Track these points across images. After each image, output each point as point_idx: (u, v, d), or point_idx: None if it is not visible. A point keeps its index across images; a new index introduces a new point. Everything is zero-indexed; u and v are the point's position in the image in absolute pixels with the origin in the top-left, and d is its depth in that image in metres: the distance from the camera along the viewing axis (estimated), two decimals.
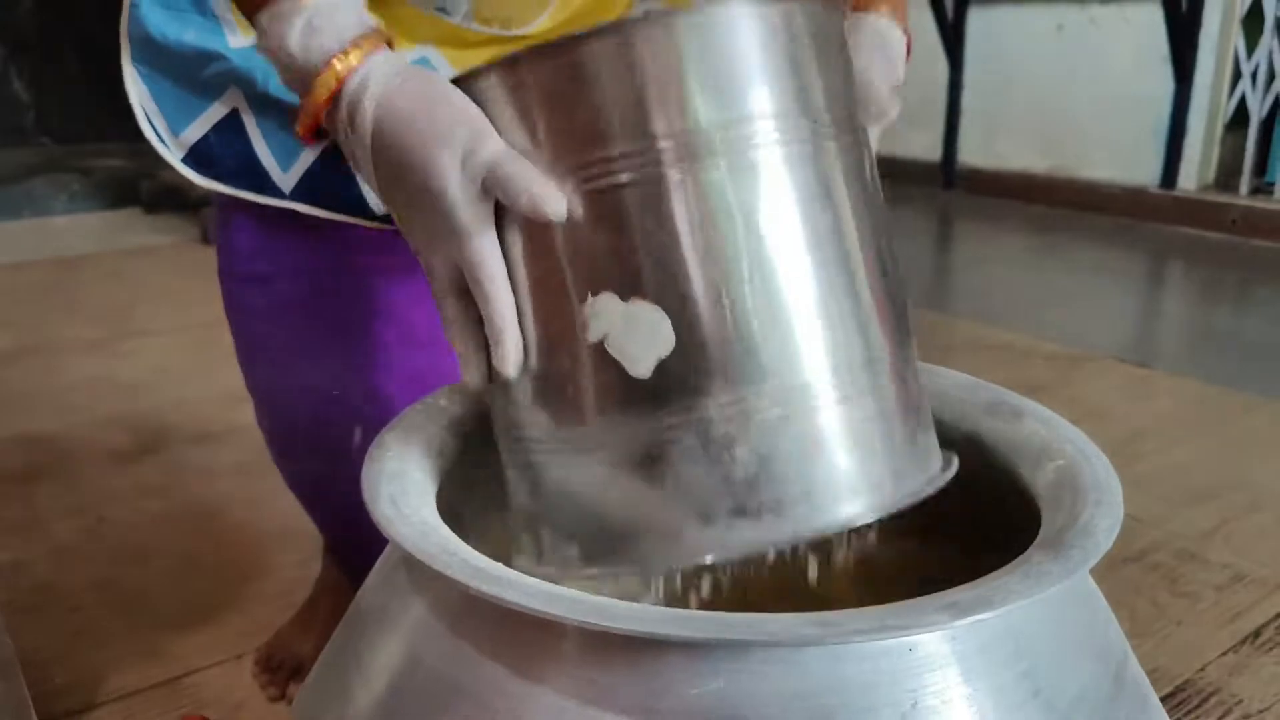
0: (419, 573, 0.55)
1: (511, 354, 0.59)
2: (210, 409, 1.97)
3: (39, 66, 4.52)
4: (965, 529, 0.69)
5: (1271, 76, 3.37)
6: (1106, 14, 3.60)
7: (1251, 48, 3.36)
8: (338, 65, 0.61)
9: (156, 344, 2.32)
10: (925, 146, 4.23)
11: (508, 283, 0.59)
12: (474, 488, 0.68)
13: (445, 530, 0.55)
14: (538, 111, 0.57)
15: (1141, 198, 3.58)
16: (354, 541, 1.06)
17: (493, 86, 0.58)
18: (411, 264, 0.73)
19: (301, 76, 0.62)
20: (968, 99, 4.06)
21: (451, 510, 0.59)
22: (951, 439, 0.72)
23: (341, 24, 0.62)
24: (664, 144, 0.55)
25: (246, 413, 1.10)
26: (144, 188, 3.86)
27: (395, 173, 0.60)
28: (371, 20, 0.64)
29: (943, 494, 0.61)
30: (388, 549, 0.63)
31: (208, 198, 1.07)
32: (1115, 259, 3.25)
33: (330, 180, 0.91)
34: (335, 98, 0.61)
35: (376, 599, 0.59)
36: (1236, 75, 3.42)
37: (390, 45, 0.63)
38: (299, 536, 1.36)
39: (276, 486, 1.15)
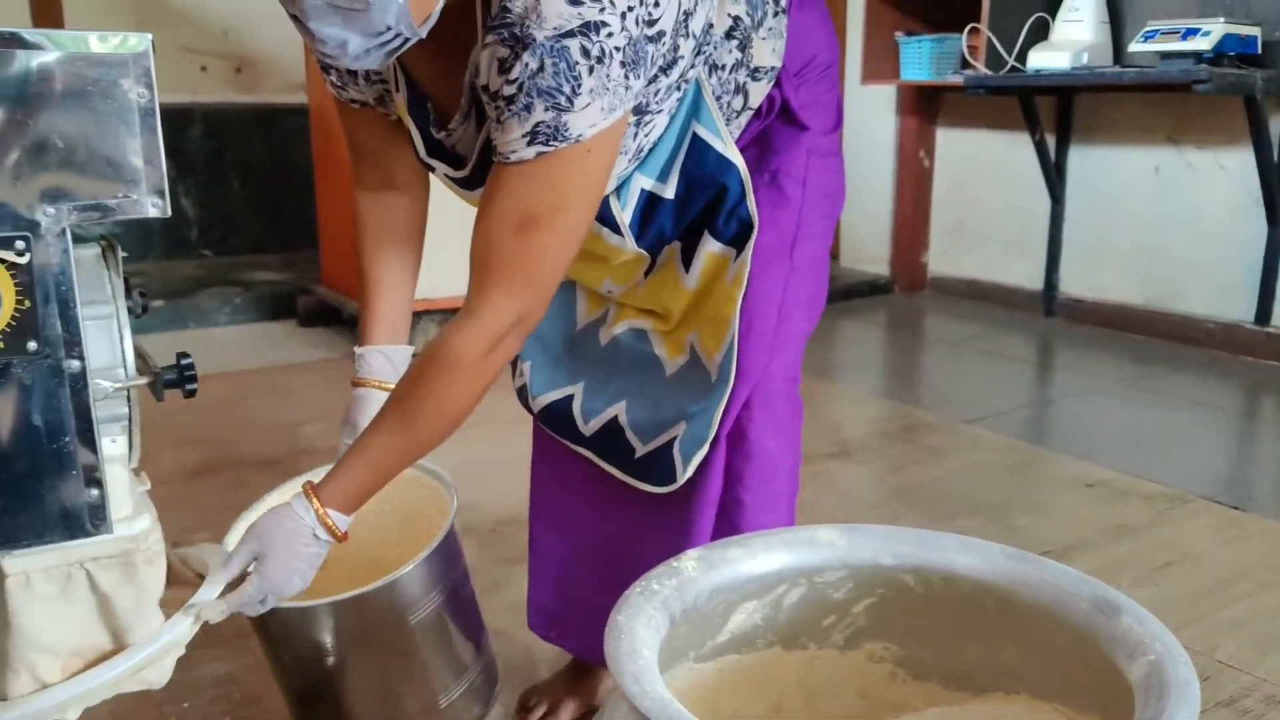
0: None
1: None
2: None
3: (204, 186, 4.97)
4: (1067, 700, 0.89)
5: None
6: (1201, 158, 3.77)
7: None
8: None
9: (325, 462, 2.60)
10: (1027, 275, 4.42)
11: None
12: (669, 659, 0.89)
13: (676, 705, 0.76)
14: None
15: (1236, 333, 3.71)
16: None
17: None
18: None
19: None
20: (1069, 231, 4.25)
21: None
22: (1062, 629, 0.92)
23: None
24: None
25: None
26: (300, 303, 4.18)
27: None
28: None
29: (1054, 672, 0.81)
30: (625, 709, 0.85)
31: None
32: (1211, 393, 3.38)
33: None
34: None
35: None
36: None
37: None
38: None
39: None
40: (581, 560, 1.49)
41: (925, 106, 4.68)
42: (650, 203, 1.23)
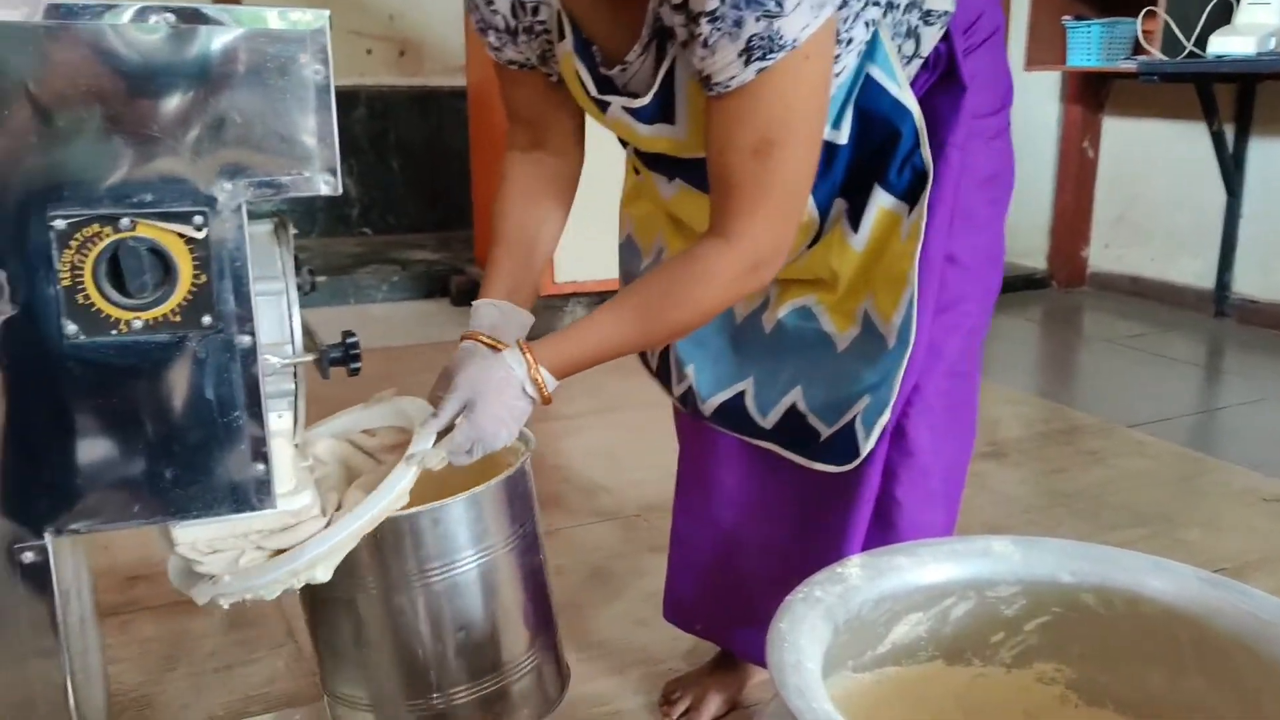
0: None
1: None
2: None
3: (366, 166, 5.12)
4: None
5: None
6: None
7: None
8: None
9: None
10: (1196, 273, 4.18)
11: None
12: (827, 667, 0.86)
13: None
14: None
15: None
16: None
17: None
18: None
19: None
20: (1245, 228, 4.00)
21: None
22: (1259, 664, 0.84)
23: None
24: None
25: (553, 519, 1.33)
26: (453, 283, 4.25)
27: None
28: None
29: None
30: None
31: None
32: None
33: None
34: None
35: None
36: None
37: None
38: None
39: (597, 594, 1.37)
40: (728, 555, 1.45)
41: (1092, 94, 4.47)
42: (827, 153, 1.17)
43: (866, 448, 1.23)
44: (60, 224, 0.80)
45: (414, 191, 5.25)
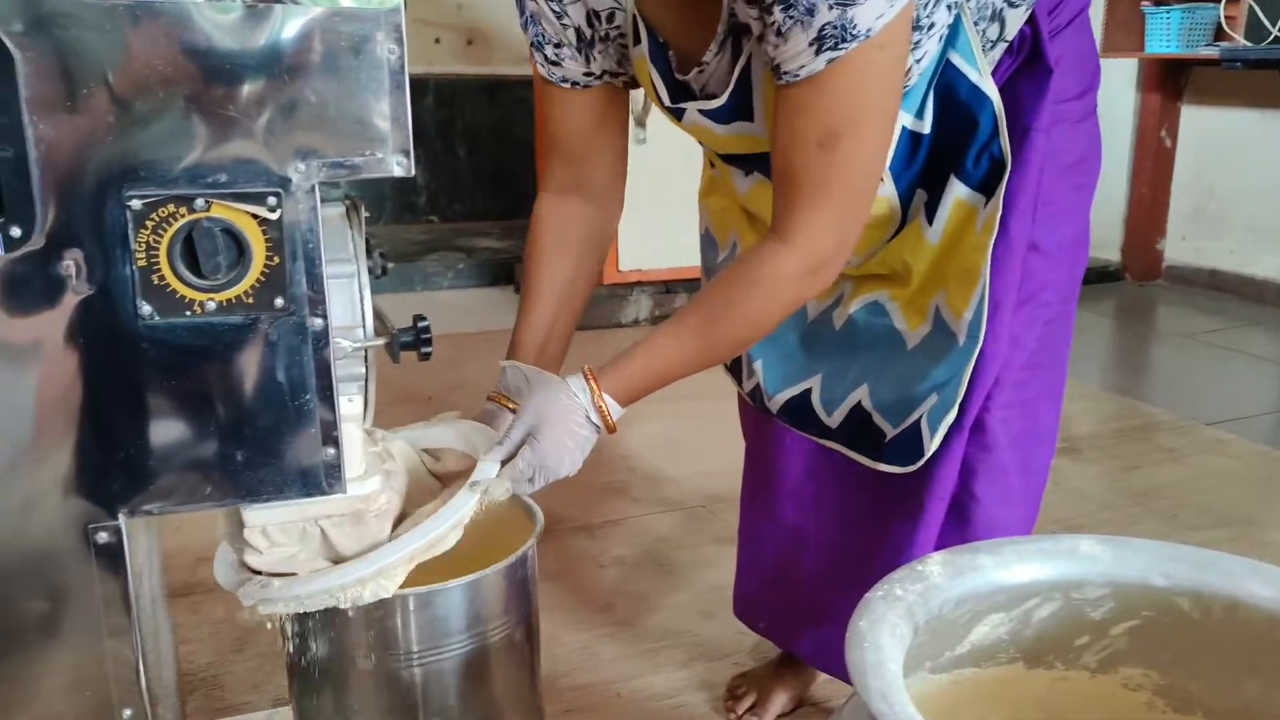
0: None
1: None
2: (591, 499, 2.24)
3: (434, 154, 5.15)
4: None
5: None
6: None
7: None
8: None
9: None
10: (1279, 267, 4.05)
11: None
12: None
13: None
14: None
15: None
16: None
17: None
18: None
19: None
20: None
21: None
22: None
23: None
24: None
25: (617, 507, 1.31)
26: (517, 271, 4.26)
27: None
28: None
29: None
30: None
31: None
32: None
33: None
34: None
35: None
36: None
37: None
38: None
39: (662, 585, 1.35)
40: (797, 552, 1.43)
41: (1170, 82, 4.34)
42: (911, 143, 1.14)
43: (931, 447, 1.20)
44: (136, 204, 0.80)
45: (480, 179, 5.27)
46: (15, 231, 0.78)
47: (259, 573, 0.98)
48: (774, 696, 1.49)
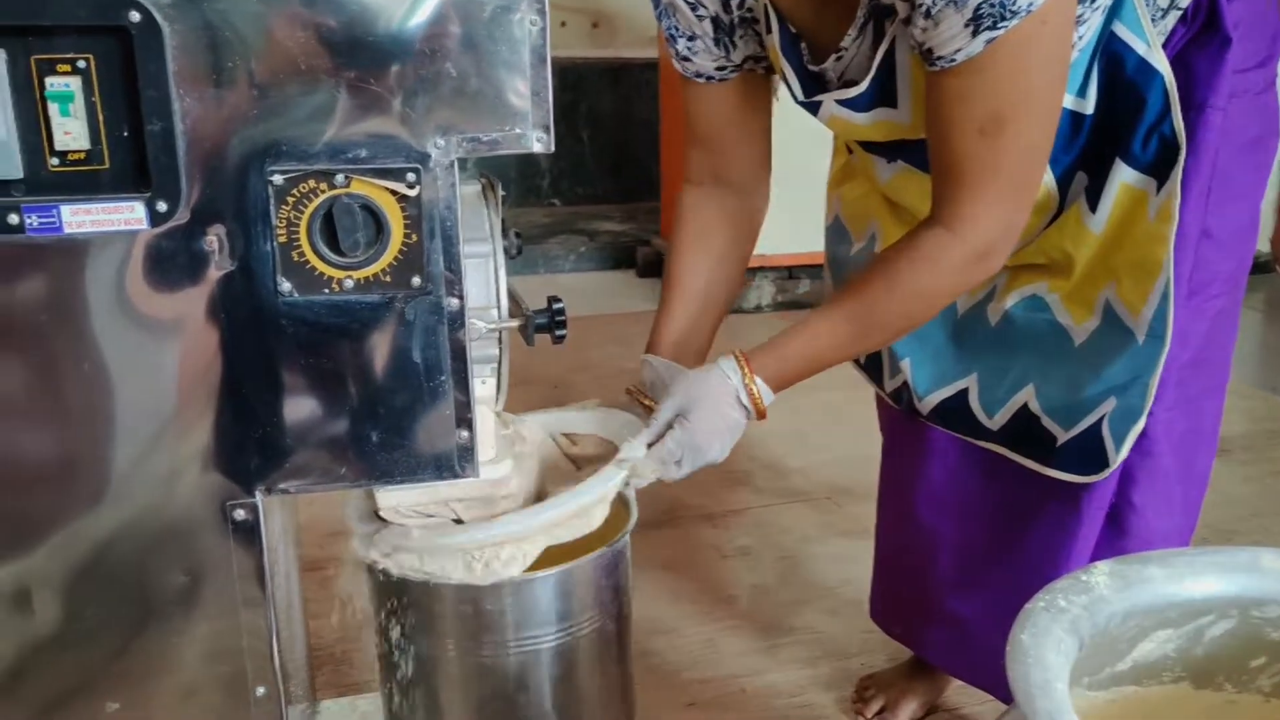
0: None
1: None
2: (713, 488, 2.21)
3: (557, 138, 5.14)
4: None
5: None
6: None
7: None
8: None
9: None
10: None
11: None
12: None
13: None
14: None
15: None
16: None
17: None
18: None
19: None
20: None
21: None
22: None
23: None
24: None
25: (740, 497, 1.26)
26: (639, 254, 4.26)
27: None
28: None
29: None
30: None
31: None
32: None
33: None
34: None
35: None
36: None
37: None
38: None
39: (786, 578, 1.30)
40: (937, 557, 1.36)
41: None
42: (1072, 123, 1.07)
43: (1117, 458, 1.12)
44: (278, 179, 0.79)
45: (603, 163, 5.26)
46: (161, 206, 0.78)
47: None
48: (904, 702, 1.44)
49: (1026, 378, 1.18)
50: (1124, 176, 1.07)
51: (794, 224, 3.66)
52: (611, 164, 5.26)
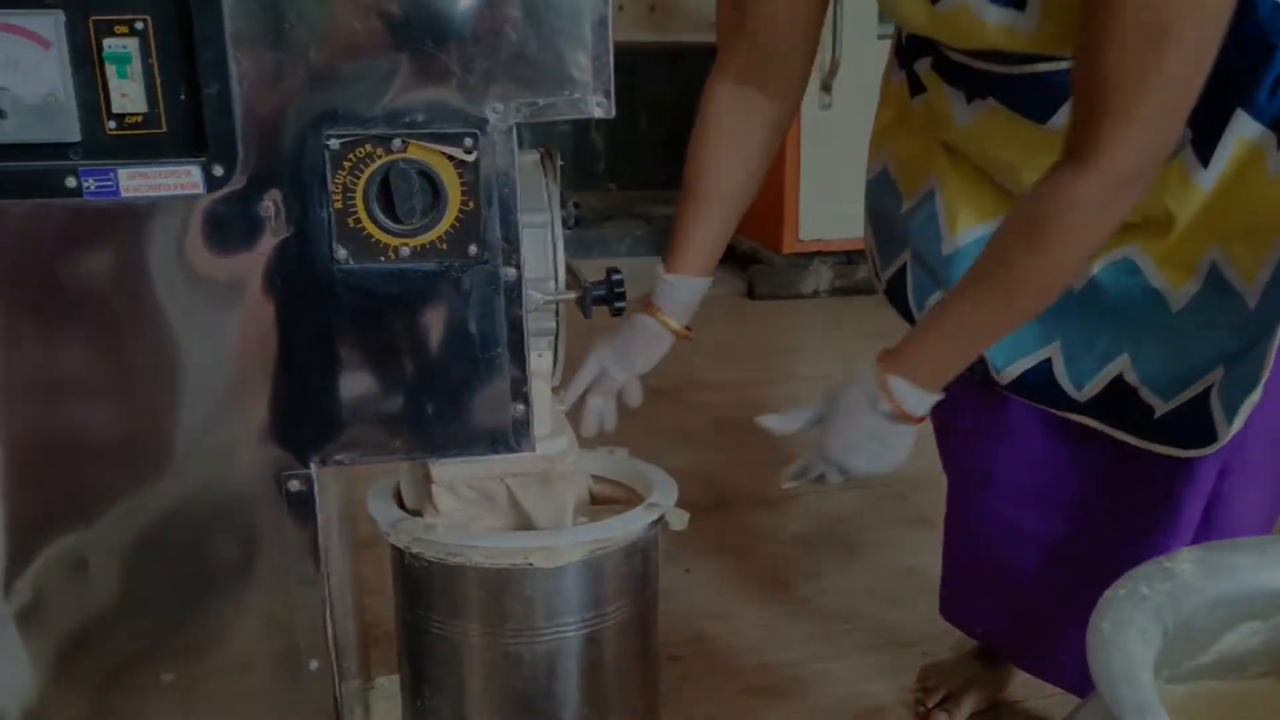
0: None
1: None
2: (769, 473, 2.17)
3: (614, 121, 5.14)
4: None
5: None
6: None
7: None
8: None
9: (718, 399, 2.58)
10: None
11: None
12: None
13: None
14: None
15: None
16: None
17: None
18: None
19: None
20: None
21: None
22: None
23: None
24: None
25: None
26: None
27: None
28: None
29: None
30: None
31: (755, 256, 1.26)
32: None
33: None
34: None
35: None
36: None
37: None
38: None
39: (845, 565, 1.26)
40: (1015, 550, 1.28)
41: None
42: None
43: (1229, 431, 1.04)
44: (334, 144, 0.77)
45: (660, 148, 5.23)
46: (218, 170, 0.77)
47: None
48: (968, 693, 1.39)
49: (1120, 347, 1.10)
50: (1244, 130, 0.99)
51: (854, 208, 3.61)
52: (668, 148, 5.22)
